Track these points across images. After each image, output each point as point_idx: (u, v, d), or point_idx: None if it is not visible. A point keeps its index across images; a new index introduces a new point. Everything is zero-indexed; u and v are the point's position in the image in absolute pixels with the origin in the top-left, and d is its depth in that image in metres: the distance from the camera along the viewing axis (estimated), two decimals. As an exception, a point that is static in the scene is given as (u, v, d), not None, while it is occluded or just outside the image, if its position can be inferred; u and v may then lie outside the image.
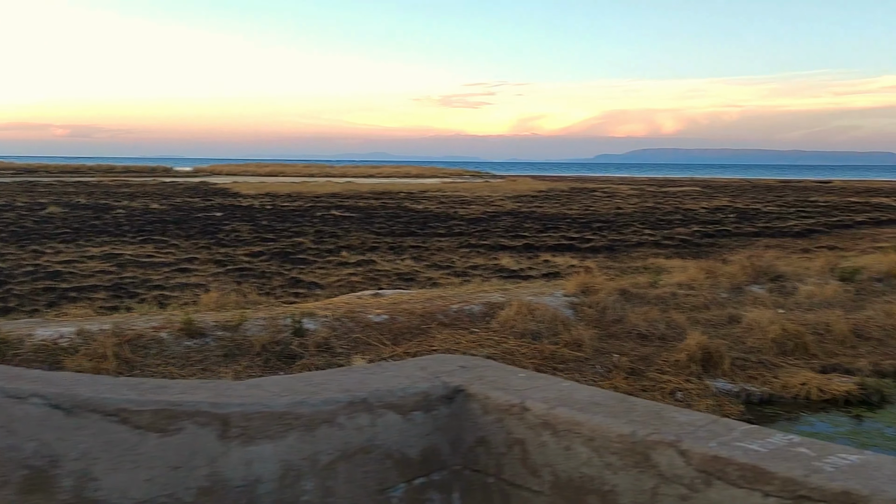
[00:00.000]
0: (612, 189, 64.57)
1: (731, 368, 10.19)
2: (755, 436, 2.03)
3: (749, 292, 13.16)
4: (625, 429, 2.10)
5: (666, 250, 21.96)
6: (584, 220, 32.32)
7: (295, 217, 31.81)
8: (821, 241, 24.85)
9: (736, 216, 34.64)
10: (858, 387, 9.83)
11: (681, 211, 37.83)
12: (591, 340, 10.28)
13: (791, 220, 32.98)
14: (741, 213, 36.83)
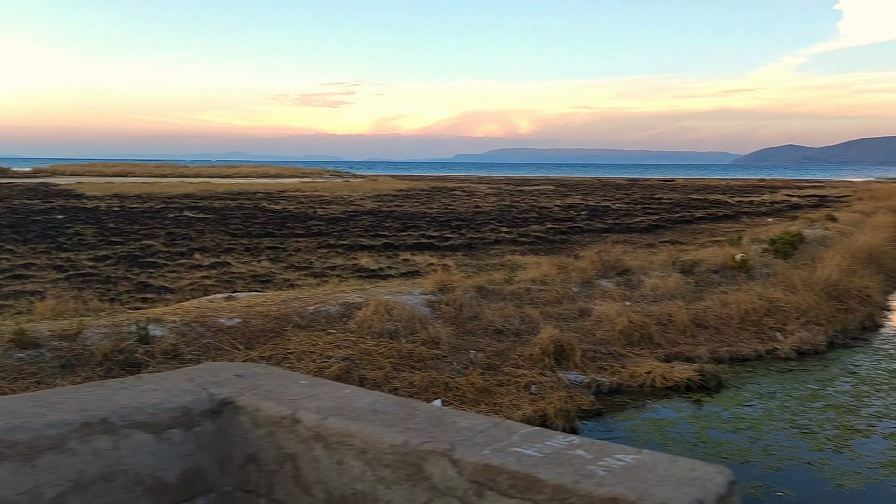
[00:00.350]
0: (471, 188, 65.65)
1: (582, 360, 10.56)
2: (534, 439, 1.91)
3: (599, 286, 13.69)
4: (398, 438, 1.94)
5: (522, 247, 22.53)
6: (443, 218, 32.66)
7: (145, 219, 30.39)
8: (665, 236, 26.25)
9: (587, 213, 36.01)
10: (698, 373, 10.42)
11: (536, 209, 38.94)
12: (448, 338, 10.37)
13: (638, 216, 34.63)
14: (592, 210, 38.34)
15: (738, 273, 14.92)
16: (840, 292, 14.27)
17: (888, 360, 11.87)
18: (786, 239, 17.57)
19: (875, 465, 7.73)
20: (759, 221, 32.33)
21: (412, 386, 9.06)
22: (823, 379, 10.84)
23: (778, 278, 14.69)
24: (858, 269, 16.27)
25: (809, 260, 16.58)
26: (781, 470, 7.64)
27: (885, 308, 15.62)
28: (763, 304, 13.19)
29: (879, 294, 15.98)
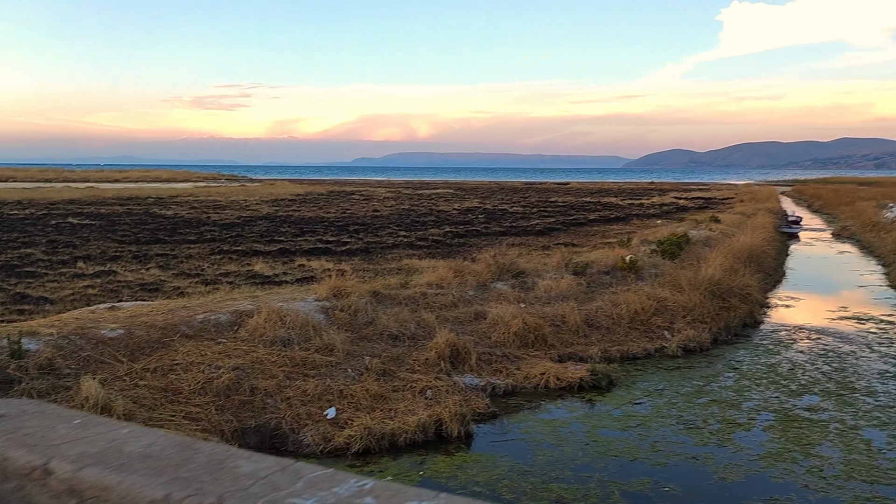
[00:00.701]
0: (369, 192, 65.39)
1: (478, 363, 10.61)
2: (321, 486, 1.67)
3: (494, 289, 13.80)
4: (159, 492, 1.72)
5: (420, 251, 22.52)
6: (341, 223, 32.35)
7: (25, 226, 28.81)
8: (559, 238, 26.80)
9: (485, 217, 36.40)
10: (590, 373, 10.63)
11: (435, 212, 39.09)
12: (343, 344, 10.22)
13: (534, 219, 35.25)
14: (490, 213, 38.79)
15: (628, 274, 15.35)
16: (723, 291, 14.85)
17: (767, 355, 12.43)
18: (672, 240, 18.20)
19: (755, 457, 8.06)
20: (648, 223, 33.44)
21: (305, 394, 8.88)
22: (708, 375, 11.25)
23: (665, 278, 15.19)
24: (740, 268, 16.99)
25: (695, 260, 17.23)
26: (668, 465, 7.86)
27: (764, 305, 16.39)
28: (652, 304, 13.60)
29: (759, 292, 16.75)
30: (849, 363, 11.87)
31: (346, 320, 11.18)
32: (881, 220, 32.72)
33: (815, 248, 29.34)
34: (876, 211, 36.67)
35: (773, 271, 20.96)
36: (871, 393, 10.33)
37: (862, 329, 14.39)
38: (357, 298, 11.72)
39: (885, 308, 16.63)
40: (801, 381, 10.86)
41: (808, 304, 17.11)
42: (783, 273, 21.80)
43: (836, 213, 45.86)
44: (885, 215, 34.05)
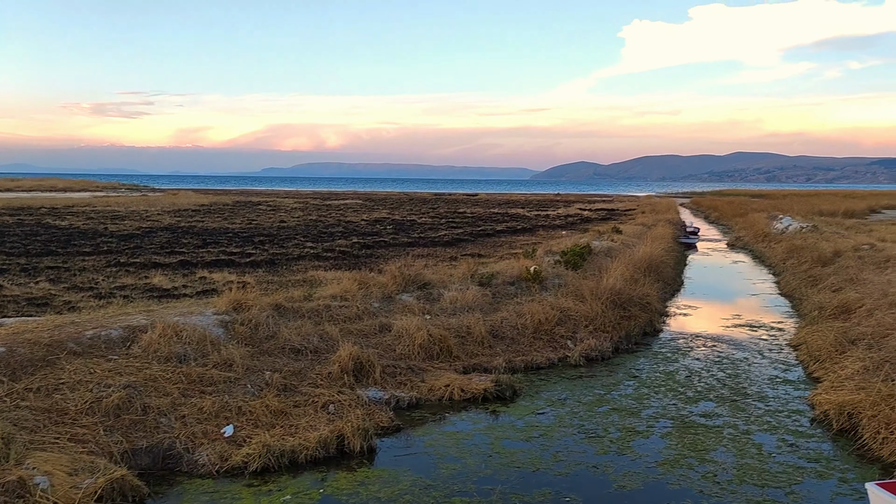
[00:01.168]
0: (277, 203, 64.34)
1: (382, 376, 10.47)
2: None
3: (399, 301, 13.70)
4: None
5: (326, 262, 22.22)
6: (246, 234, 31.67)
7: None
8: (467, 249, 26.94)
9: (393, 228, 36.30)
10: (494, 384, 10.64)
11: (343, 223, 38.74)
12: (242, 359, 9.92)
13: (442, 230, 35.37)
14: (398, 224, 38.72)
15: (533, 284, 15.52)
16: (624, 300, 15.18)
17: (665, 362, 12.76)
18: (575, 251, 18.52)
19: (653, 464, 8.21)
20: (554, 234, 34.03)
21: (202, 412, 8.55)
22: (609, 384, 11.45)
23: (569, 288, 15.42)
24: (640, 278, 17.45)
25: (597, 270, 17.58)
26: (570, 475, 7.91)
27: (663, 314, 16.85)
28: (555, 314, 13.77)
29: (658, 301, 17.22)
30: (742, 369, 12.29)
31: (246, 334, 10.87)
32: (772, 231, 34.26)
33: (711, 257, 30.45)
34: (767, 222, 38.38)
35: (672, 281, 21.61)
36: (763, 398, 10.71)
37: (754, 336, 14.95)
38: (258, 312, 11.42)
39: (775, 315, 17.35)
40: (697, 388, 11.17)
41: (704, 312, 17.69)
42: (682, 282, 22.52)
43: (730, 224, 47.81)
44: (776, 226, 35.67)
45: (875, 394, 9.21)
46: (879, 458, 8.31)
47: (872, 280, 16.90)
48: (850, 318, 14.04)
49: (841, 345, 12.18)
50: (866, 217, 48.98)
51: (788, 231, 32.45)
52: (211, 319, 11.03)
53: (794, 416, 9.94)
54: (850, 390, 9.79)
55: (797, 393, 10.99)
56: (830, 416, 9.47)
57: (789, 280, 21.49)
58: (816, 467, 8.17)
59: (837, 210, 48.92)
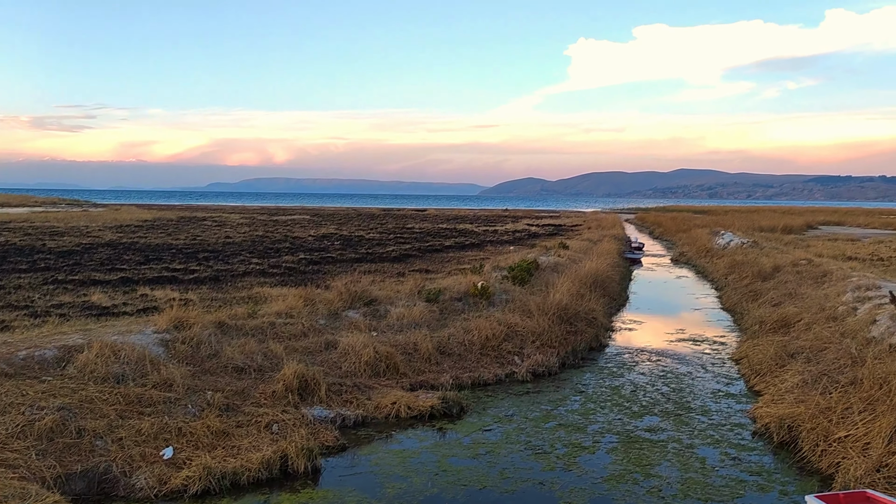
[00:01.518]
0: (223, 218, 63.42)
1: (327, 394, 10.32)
2: None
3: (346, 317, 13.56)
4: None
5: (272, 279, 21.91)
6: (190, 250, 31.07)
7: None
8: (415, 265, 26.84)
9: (341, 243, 36.04)
10: (441, 401, 10.59)
11: (290, 239, 38.31)
12: (183, 379, 9.68)
13: (390, 245, 35.22)
14: (346, 240, 38.45)
15: (480, 300, 15.52)
16: (570, 315, 15.29)
17: (611, 377, 12.85)
18: (523, 266, 18.60)
19: (599, 479, 8.23)
20: (502, 249, 34.15)
21: (140, 434, 8.30)
22: (556, 399, 11.48)
23: (516, 304, 15.46)
24: (586, 293, 17.60)
25: (544, 286, 17.67)
26: (516, 492, 7.88)
27: (609, 329, 17.01)
28: (502, 330, 13.78)
29: (604, 316, 17.39)
30: (686, 383, 12.45)
31: (187, 353, 10.62)
32: (714, 247, 34.97)
33: (656, 272, 30.92)
34: (709, 238, 39.16)
35: (617, 295, 21.86)
36: (706, 412, 10.85)
37: (698, 350, 15.18)
38: (200, 330, 11.18)
39: (718, 329, 17.66)
40: (642, 403, 11.27)
41: (649, 327, 17.91)
42: (627, 297, 22.79)
43: (674, 239, 48.68)
44: (717, 242, 36.42)
45: (813, 407, 9.40)
46: (818, 470, 8.46)
47: (810, 294, 17.32)
48: (789, 332, 14.35)
49: (781, 358, 12.43)
50: (804, 233, 50.33)
51: (730, 247, 33.14)
52: (151, 338, 10.75)
53: (736, 429, 10.09)
54: (789, 403, 9.97)
55: (739, 406, 11.17)
56: (771, 430, 9.63)
57: (731, 295, 21.91)
58: (758, 480, 8.28)
59: (776, 226, 50.16)
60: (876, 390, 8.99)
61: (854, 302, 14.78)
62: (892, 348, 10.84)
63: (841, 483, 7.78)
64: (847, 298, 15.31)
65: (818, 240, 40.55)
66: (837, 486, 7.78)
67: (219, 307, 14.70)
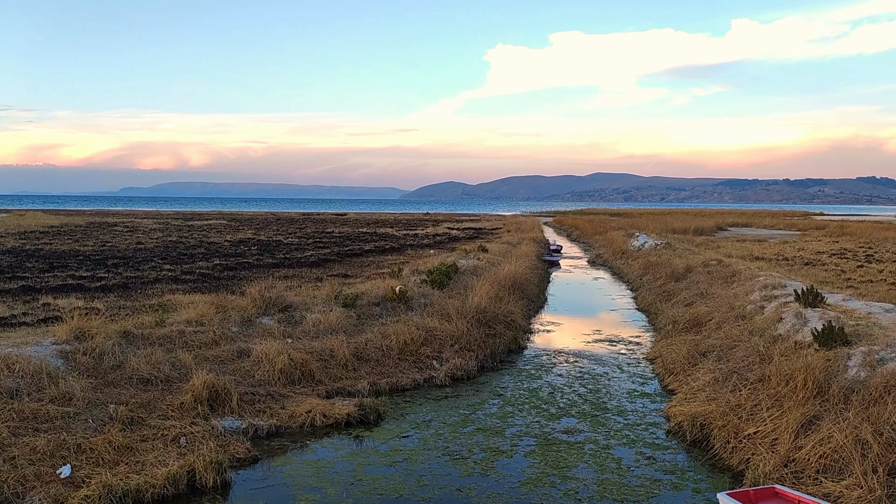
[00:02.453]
0: (135, 223, 61.45)
1: (239, 404, 9.98)
2: None
3: (260, 324, 13.19)
4: None
5: (185, 285, 21.22)
6: (98, 256, 29.91)
7: None
8: (333, 270, 26.44)
9: (258, 248, 35.30)
10: (358, 408, 10.37)
11: (205, 244, 37.34)
12: (84, 392, 9.20)
13: (309, 250, 34.67)
14: (264, 245, 37.70)
15: (398, 304, 15.35)
16: (489, 318, 15.27)
17: (529, 380, 12.87)
18: (441, 270, 18.52)
19: (516, 483, 8.17)
20: (422, 253, 34.05)
21: (34, 452, 7.82)
22: (474, 403, 11.40)
23: (434, 308, 15.34)
24: (505, 295, 17.64)
25: (463, 289, 17.63)
26: (433, 500, 7.75)
27: (527, 331, 17.08)
28: (421, 334, 13.65)
29: (523, 318, 17.46)
30: (602, 384, 12.56)
31: (89, 365, 10.11)
32: (629, 249, 35.69)
33: (573, 274, 31.34)
34: (625, 240, 39.97)
35: (536, 297, 22.02)
36: (622, 412, 10.95)
37: (614, 350, 15.37)
38: (104, 340, 10.67)
39: (633, 329, 17.95)
40: (560, 405, 11.30)
41: (567, 328, 18.07)
42: (545, 299, 22.99)
43: (591, 241, 49.56)
44: (632, 244, 37.19)
45: (724, 404, 9.58)
46: (730, 466, 8.61)
47: (720, 294, 17.77)
48: (701, 331, 14.67)
49: (693, 357, 12.67)
50: (714, 234, 51.94)
51: (644, 248, 33.88)
52: (49, 350, 10.19)
53: (651, 428, 10.20)
54: (701, 402, 10.15)
55: (654, 406, 11.32)
56: (684, 428, 9.77)
57: (646, 295, 22.34)
58: (672, 479, 8.37)
59: (689, 228, 51.61)
60: (782, 387, 9.22)
61: (761, 301, 15.22)
62: (798, 345, 11.17)
63: (751, 479, 7.93)
64: (755, 297, 15.76)
65: (728, 241, 41.88)
66: (748, 482, 7.92)
67: (126, 316, 14.11)
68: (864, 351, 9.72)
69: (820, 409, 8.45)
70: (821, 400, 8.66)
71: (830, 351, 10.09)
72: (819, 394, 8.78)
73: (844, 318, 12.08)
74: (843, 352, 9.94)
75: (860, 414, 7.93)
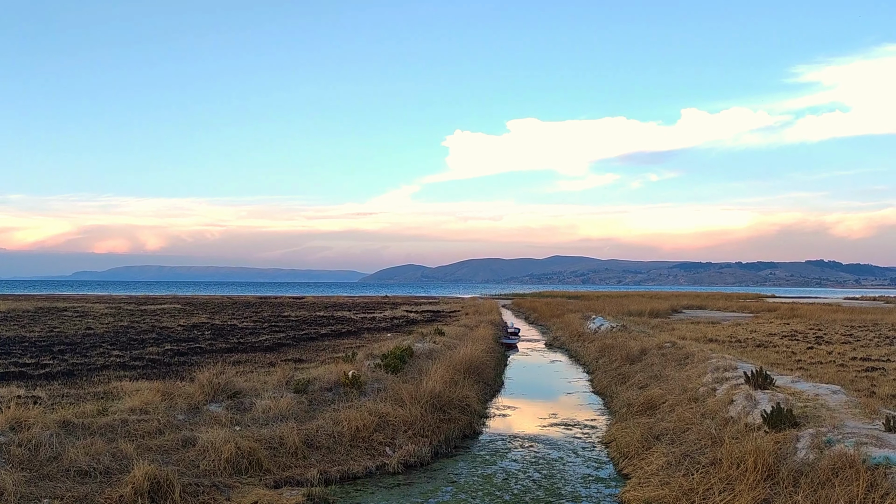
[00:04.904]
0: (86, 308, 60.19)
1: (182, 496, 9.63)
2: None
3: (207, 412, 12.86)
4: None
5: (133, 372, 20.71)
6: (45, 342, 29.12)
7: None
8: (288, 354, 26.09)
9: (212, 333, 34.74)
10: (307, 498, 10.08)
11: (157, 329, 36.65)
12: (16, 486, 8.80)
13: (264, 334, 34.23)
14: (217, 329, 37.13)
15: (351, 389, 15.13)
16: (444, 403, 15.11)
17: (484, 465, 12.67)
18: (396, 354, 18.37)
19: (467, 575, 7.94)
20: (379, 336, 33.83)
21: (-41, 552, 7.42)
22: (427, 491, 11.16)
23: (388, 393, 15.16)
24: (460, 379, 17.51)
25: (417, 373, 17.47)
26: None
27: (483, 415, 16.91)
28: (373, 420, 13.42)
29: (478, 402, 17.30)
30: (557, 469, 12.41)
31: (24, 457, 9.71)
32: (585, 331, 35.88)
33: (530, 357, 31.31)
34: (581, 322, 40.22)
35: (492, 381, 21.88)
36: (576, 498, 10.80)
37: (569, 434, 15.25)
38: (41, 430, 10.29)
39: (589, 412, 17.88)
40: (514, 491, 11.11)
41: (523, 412, 17.93)
42: (502, 382, 22.86)
43: (549, 324, 49.75)
44: (589, 326, 37.41)
45: (677, 488, 9.52)
46: (683, 553, 8.49)
47: (674, 376, 17.87)
48: (655, 414, 14.67)
49: (647, 440, 12.63)
50: (669, 316, 52.58)
51: (601, 331, 34.08)
52: (-18, 441, 9.78)
53: (605, 514, 10.06)
54: (655, 486, 10.07)
55: (608, 491, 11.19)
56: (638, 513, 9.66)
57: (601, 378, 22.36)
58: (626, 567, 8.20)
59: (644, 310, 52.20)
60: (734, 469, 9.21)
61: (713, 383, 15.33)
62: (748, 427, 11.22)
63: (704, 566, 7.81)
64: (707, 379, 15.87)
65: (682, 323, 42.39)
66: (701, 569, 7.81)
67: (68, 404, 13.67)
68: (812, 433, 9.80)
69: (770, 492, 8.44)
70: (771, 483, 8.65)
71: (780, 433, 10.15)
72: (769, 476, 8.79)
73: (793, 400, 12.20)
74: (791, 434, 10.01)
75: (809, 497, 7.93)
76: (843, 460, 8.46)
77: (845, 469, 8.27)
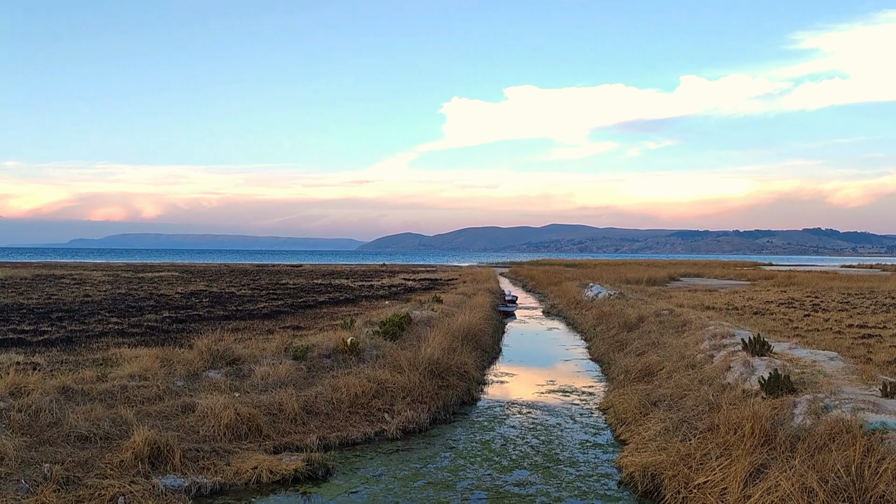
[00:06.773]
0: (83, 275, 60.17)
1: (182, 461, 9.68)
2: None
3: (206, 378, 12.89)
4: None
5: (131, 339, 20.73)
6: (43, 309, 29.12)
7: None
8: (286, 321, 26.12)
9: (210, 300, 34.76)
10: (306, 463, 10.13)
11: (154, 297, 36.65)
12: (17, 451, 8.82)
13: (262, 302, 34.25)
14: (215, 297, 37.14)
15: (350, 356, 15.17)
16: (442, 370, 15.16)
17: (482, 432, 12.74)
18: (394, 321, 18.40)
19: (466, 538, 8.00)
20: (377, 304, 33.87)
21: (-39, 516, 7.46)
22: (426, 456, 11.23)
23: (386, 359, 15.20)
24: (458, 346, 17.55)
25: (416, 340, 17.51)
26: (380, 557, 7.54)
27: (481, 382, 16.98)
28: (372, 386, 13.47)
29: (476, 369, 17.36)
30: (555, 435, 12.48)
31: (24, 422, 9.73)
32: (583, 299, 35.95)
33: (528, 324, 31.40)
34: (579, 290, 40.28)
35: (490, 348, 21.95)
36: (574, 463, 10.87)
37: (566, 401, 15.33)
38: (41, 396, 10.30)
39: (586, 379, 17.96)
40: (512, 457, 11.18)
41: (521, 379, 18.01)
42: (500, 350, 22.94)
43: (546, 292, 49.83)
44: (586, 294, 37.48)
45: (674, 454, 9.57)
46: (680, 517, 8.56)
47: (671, 343, 17.93)
48: (652, 381, 14.73)
49: (644, 407, 12.68)
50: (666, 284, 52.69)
51: (598, 298, 34.15)
52: (-18, 407, 9.80)
53: (602, 479, 10.14)
54: (652, 451, 10.12)
55: (606, 456, 11.26)
56: (636, 478, 9.72)
57: (599, 345, 22.44)
58: (623, 531, 8.28)
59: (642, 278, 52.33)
60: (731, 435, 9.25)
61: (711, 350, 15.38)
62: (745, 393, 11.27)
63: (701, 530, 7.88)
64: (705, 346, 15.93)
65: (679, 291, 42.49)
66: (698, 532, 7.88)
67: (68, 371, 13.69)
68: (809, 399, 9.84)
69: (767, 457, 8.49)
70: (768, 448, 8.70)
71: (777, 399, 10.19)
72: (766, 442, 8.83)
73: (790, 367, 12.24)
74: (789, 400, 10.05)
75: (806, 462, 7.97)
76: (840, 426, 8.51)
77: (842, 434, 8.32)
